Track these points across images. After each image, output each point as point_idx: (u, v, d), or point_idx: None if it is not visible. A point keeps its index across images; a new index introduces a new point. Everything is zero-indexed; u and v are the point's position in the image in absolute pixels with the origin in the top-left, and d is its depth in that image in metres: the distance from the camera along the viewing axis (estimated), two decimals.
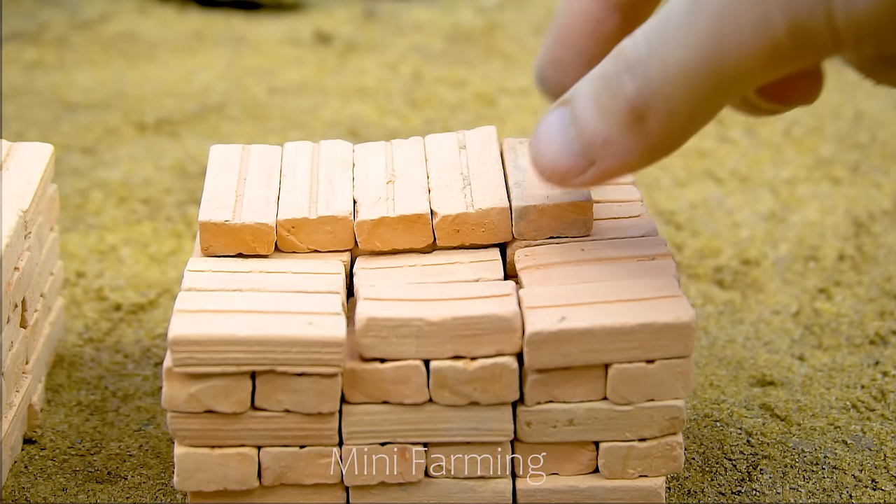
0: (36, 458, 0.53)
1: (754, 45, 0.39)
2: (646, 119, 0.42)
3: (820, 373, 0.59)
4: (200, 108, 0.84)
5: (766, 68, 0.40)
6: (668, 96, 0.41)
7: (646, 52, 0.42)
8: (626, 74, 0.42)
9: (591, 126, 0.43)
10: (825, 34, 0.39)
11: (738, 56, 0.40)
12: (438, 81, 0.88)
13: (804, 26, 0.39)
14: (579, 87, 0.44)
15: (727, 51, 0.40)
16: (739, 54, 0.40)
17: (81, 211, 0.71)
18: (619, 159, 0.44)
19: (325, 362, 0.45)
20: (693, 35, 0.40)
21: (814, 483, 0.52)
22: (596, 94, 0.43)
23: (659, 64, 0.41)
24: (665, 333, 0.45)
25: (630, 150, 0.43)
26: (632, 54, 0.42)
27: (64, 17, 0.98)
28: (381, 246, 0.50)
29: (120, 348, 0.60)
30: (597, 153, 0.44)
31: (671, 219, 0.71)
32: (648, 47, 0.42)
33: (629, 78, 0.42)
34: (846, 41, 0.39)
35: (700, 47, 0.40)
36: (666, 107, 0.42)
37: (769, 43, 0.39)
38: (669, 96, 0.41)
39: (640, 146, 0.43)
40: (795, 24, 0.39)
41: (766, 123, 0.82)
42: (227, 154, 0.53)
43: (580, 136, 0.44)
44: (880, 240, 0.69)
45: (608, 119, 0.43)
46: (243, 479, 0.47)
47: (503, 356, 0.46)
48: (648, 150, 0.43)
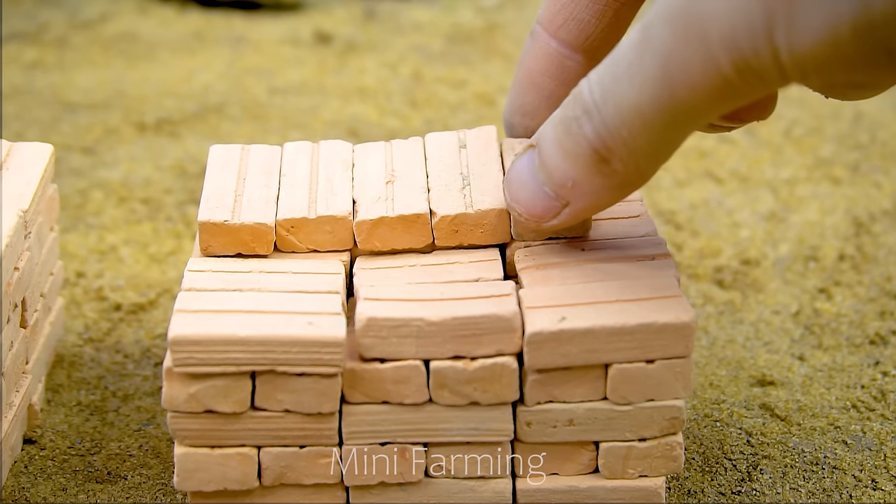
0: (36, 458, 0.53)
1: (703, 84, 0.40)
2: (609, 160, 0.43)
3: (820, 373, 0.59)
4: (200, 108, 0.84)
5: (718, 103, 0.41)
6: (626, 138, 0.42)
7: (600, 96, 0.42)
8: (584, 118, 0.43)
9: (559, 170, 0.44)
10: (771, 70, 0.39)
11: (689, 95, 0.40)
12: (438, 81, 0.88)
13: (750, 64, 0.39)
14: (544, 132, 0.45)
15: (678, 91, 0.40)
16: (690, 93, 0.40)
17: (81, 211, 0.71)
18: (591, 198, 0.45)
19: (325, 362, 0.45)
20: (643, 77, 0.41)
21: (814, 483, 0.52)
22: (558, 138, 0.44)
23: (614, 107, 0.42)
24: (665, 333, 0.45)
25: (600, 189, 0.44)
26: (587, 98, 0.43)
27: (64, 17, 0.98)
28: (380, 246, 0.50)
29: (120, 348, 0.60)
30: (568, 195, 0.45)
31: (671, 219, 0.71)
32: (602, 90, 0.42)
33: (587, 121, 0.43)
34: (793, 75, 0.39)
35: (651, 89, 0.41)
36: (626, 147, 0.42)
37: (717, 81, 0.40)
38: (628, 138, 0.42)
39: (609, 184, 0.44)
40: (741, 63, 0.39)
41: (766, 123, 0.82)
42: (226, 154, 0.53)
43: (550, 179, 0.45)
44: (880, 240, 0.69)
45: (574, 162, 0.44)
46: (243, 479, 0.47)
47: (503, 356, 0.46)
48: (618, 187, 0.44)
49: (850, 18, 0.36)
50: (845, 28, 0.37)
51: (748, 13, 0.38)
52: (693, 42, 0.39)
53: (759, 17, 0.38)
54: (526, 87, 0.52)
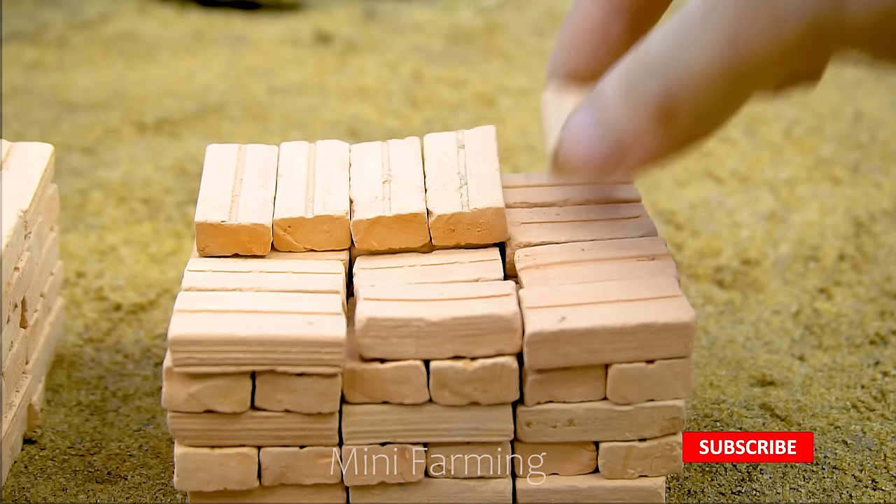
0: (36, 458, 0.53)
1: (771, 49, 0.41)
2: (673, 117, 0.43)
3: (820, 373, 0.59)
4: (200, 108, 0.84)
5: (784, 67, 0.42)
6: (692, 96, 0.43)
7: (667, 56, 0.43)
8: (651, 76, 0.43)
9: (621, 125, 0.45)
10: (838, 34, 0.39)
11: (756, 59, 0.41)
12: (438, 81, 0.88)
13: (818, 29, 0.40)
14: (605, 89, 0.45)
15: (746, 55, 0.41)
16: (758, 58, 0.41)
17: (81, 211, 0.71)
18: (650, 154, 0.45)
19: (325, 362, 0.45)
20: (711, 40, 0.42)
21: (814, 483, 0.52)
22: (623, 94, 0.45)
23: (681, 66, 0.43)
24: (665, 333, 0.45)
25: (660, 146, 0.45)
26: (654, 56, 0.43)
27: (64, 17, 0.98)
28: (377, 245, 0.50)
29: (120, 348, 0.60)
30: (627, 149, 0.45)
31: (671, 219, 0.71)
32: (670, 50, 0.43)
33: (654, 80, 0.43)
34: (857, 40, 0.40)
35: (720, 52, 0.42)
36: (691, 106, 0.43)
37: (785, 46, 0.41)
38: (694, 96, 0.43)
39: (670, 142, 0.45)
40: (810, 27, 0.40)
41: (766, 123, 0.82)
42: (223, 154, 0.53)
43: (610, 134, 0.45)
44: (880, 240, 0.69)
45: (637, 118, 0.44)
46: (243, 479, 0.46)
47: (503, 356, 0.46)
48: (678, 145, 0.45)
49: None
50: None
51: None
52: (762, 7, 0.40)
53: None
54: (570, 48, 0.52)
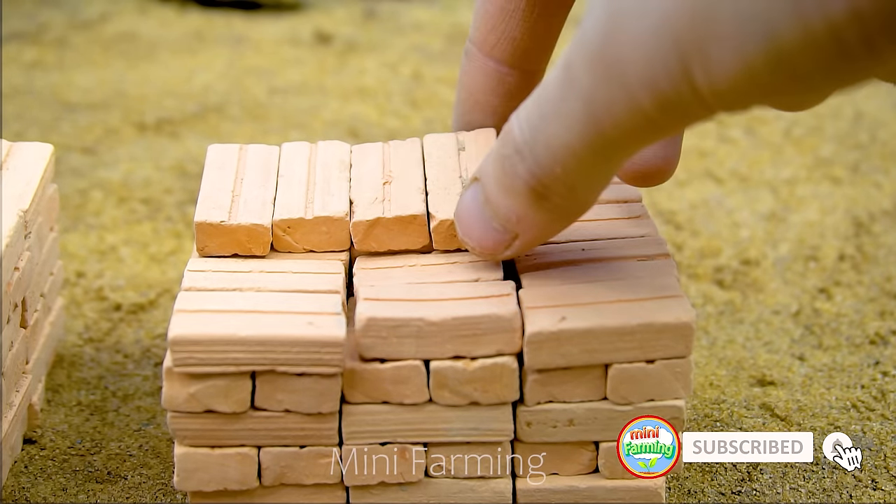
0: (36, 458, 0.53)
1: (629, 122, 0.40)
2: (547, 196, 0.44)
3: (820, 373, 0.59)
4: (200, 108, 0.84)
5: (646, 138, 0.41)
6: (560, 174, 0.43)
7: (530, 135, 0.43)
8: (517, 158, 0.44)
9: (503, 206, 0.45)
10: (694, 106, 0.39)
11: (616, 132, 0.41)
12: (438, 81, 0.88)
13: (672, 102, 0.39)
14: (485, 168, 0.46)
15: (605, 129, 0.41)
16: (617, 131, 0.41)
17: (81, 211, 0.71)
18: (538, 230, 0.45)
19: (325, 362, 0.45)
20: (570, 117, 0.41)
21: (814, 483, 0.52)
22: (497, 176, 0.45)
23: (544, 146, 0.43)
24: (665, 333, 0.45)
25: (544, 222, 0.45)
26: (518, 137, 0.43)
27: (64, 17, 0.98)
28: (376, 247, 0.50)
29: (120, 348, 0.60)
30: (514, 228, 0.45)
31: (671, 219, 0.71)
32: (532, 130, 0.43)
33: (520, 161, 0.43)
34: (716, 107, 0.39)
35: (579, 127, 0.41)
36: (562, 183, 0.43)
37: (642, 120, 0.40)
38: (561, 174, 0.43)
39: (552, 217, 0.45)
40: (663, 102, 0.39)
41: (766, 123, 0.82)
42: (224, 154, 0.53)
43: (496, 215, 0.46)
44: (880, 240, 0.69)
45: (515, 199, 0.45)
46: (243, 479, 0.46)
47: (503, 356, 0.46)
48: (561, 219, 0.45)
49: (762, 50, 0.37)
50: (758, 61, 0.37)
51: (663, 56, 0.38)
52: (614, 84, 0.40)
53: (673, 60, 0.38)
54: (470, 107, 0.53)
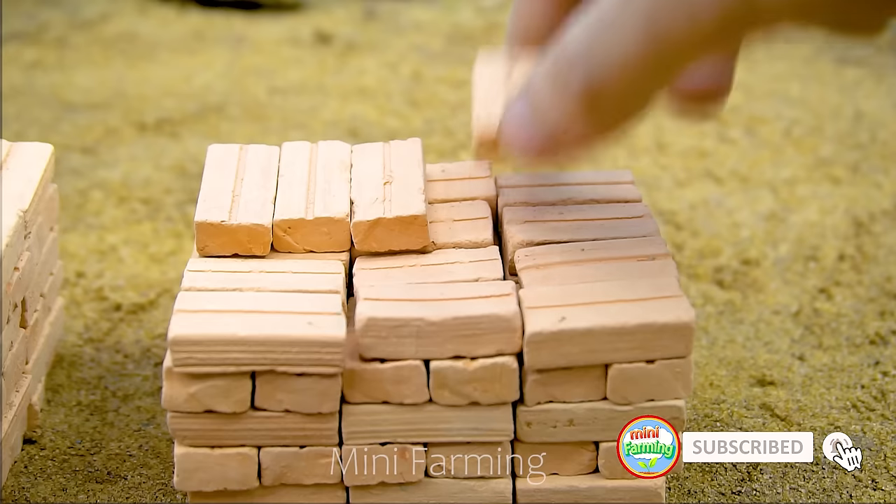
0: (36, 458, 0.53)
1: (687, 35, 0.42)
2: (598, 104, 0.45)
3: (820, 373, 0.59)
4: (200, 108, 0.84)
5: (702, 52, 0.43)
6: (614, 84, 0.44)
7: (587, 46, 0.44)
8: (574, 67, 0.44)
9: (552, 115, 0.46)
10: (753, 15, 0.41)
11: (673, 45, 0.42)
12: (438, 81, 0.88)
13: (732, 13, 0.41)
14: (534, 81, 0.47)
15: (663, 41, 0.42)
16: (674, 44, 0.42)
17: (81, 211, 0.71)
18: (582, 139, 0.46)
19: (325, 362, 0.45)
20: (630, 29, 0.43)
21: (814, 483, 0.52)
22: (550, 86, 0.46)
23: (601, 56, 0.44)
24: (665, 333, 0.45)
25: (590, 132, 0.46)
26: (575, 47, 0.44)
27: (64, 17, 0.98)
28: (377, 247, 0.50)
29: (120, 348, 0.60)
30: (561, 136, 0.46)
31: (671, 219, 0.71)
32: (590, 41, 0.44)
33: (577, 70, 0.44)
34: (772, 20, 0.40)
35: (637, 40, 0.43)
36: (614, 92, 0.44)
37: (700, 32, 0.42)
38: (616, 84, 0.44)
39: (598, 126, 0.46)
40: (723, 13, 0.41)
41: (766, 123, 0.82)
42: (224, 154, 0.53)
43: (543, 126, 0.46)
44: (880, 240, 0.69)
45: (565, 108, 0.45)
46: (243, 479, 0.46)
47: (503, 356, 0.46)
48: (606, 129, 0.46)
49: None
50: None
51: None
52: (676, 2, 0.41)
53: None
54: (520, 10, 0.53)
